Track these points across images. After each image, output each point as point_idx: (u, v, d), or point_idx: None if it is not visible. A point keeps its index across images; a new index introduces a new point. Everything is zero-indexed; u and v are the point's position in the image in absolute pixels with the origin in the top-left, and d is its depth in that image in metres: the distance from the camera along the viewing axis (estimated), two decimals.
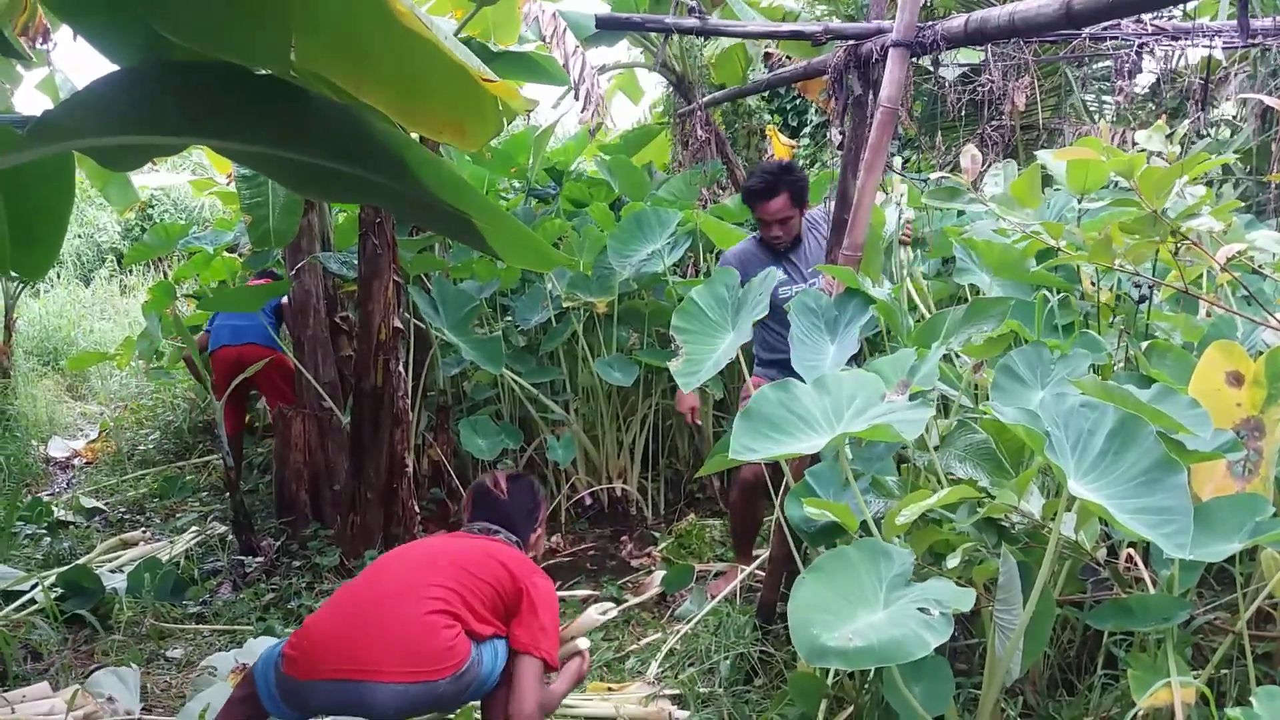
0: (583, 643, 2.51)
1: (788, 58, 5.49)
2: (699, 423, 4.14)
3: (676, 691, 2.96)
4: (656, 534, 4.60)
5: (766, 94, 7.76)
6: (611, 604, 2.56)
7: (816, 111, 9.01)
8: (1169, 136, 2.71)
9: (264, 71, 1.79)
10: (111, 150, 1.94)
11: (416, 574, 2.30)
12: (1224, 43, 2.85)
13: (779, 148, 6.45)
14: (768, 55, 5.86)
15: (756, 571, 3.60)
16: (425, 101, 1.66)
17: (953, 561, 2.08)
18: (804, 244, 3.70)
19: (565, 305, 4.59)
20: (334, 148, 1.89)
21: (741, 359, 2.76)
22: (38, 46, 4.04)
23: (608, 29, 3.40)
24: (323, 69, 1.61)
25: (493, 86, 1.55)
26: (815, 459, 2.61)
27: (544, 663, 2.32)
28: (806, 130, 9.27)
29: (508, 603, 2.35)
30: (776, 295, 3.25)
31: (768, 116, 7.32)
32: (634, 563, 4.34)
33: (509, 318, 4.97)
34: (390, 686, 2.12)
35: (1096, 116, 5.84)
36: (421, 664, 2.14)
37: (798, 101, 9.37)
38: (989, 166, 3.30)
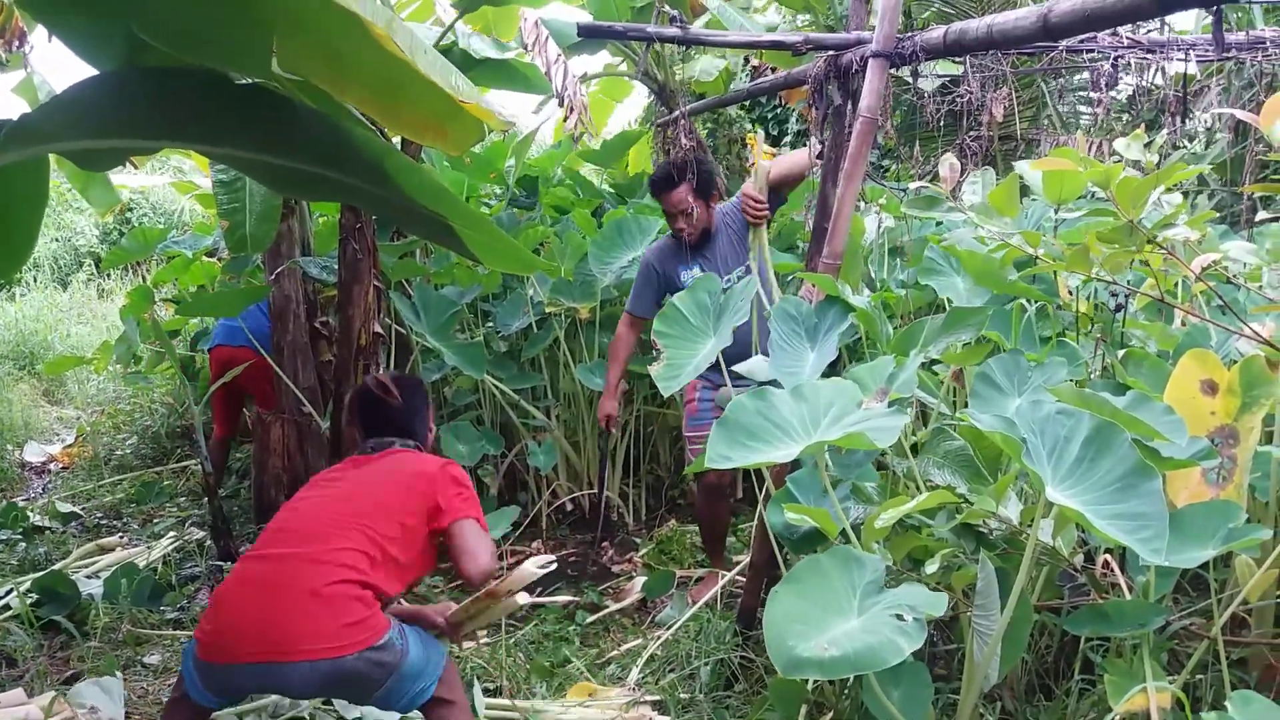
0: (521, 598, 2.43)
1: (772, 69, 5.53)
2: (613, 430, 4.18)
3: (657, 697, 2.96)
4: (637, 540, 4.60)
5: (748, 103, 7.80)
6: (551, 557, 2.50)
7: (797, 120, 9.07)
8: (1147, 146, 2.74)
9: (244, 80, 1.79)
10: (88, 152, 1.93)
11: (324, 536, 2.20)
12: (1199, 57, 2.89)
13: (765, 156, 6.48)
14: (755, 69, 5.89)
15: (737, 577, 3.61)
16: (406, 104, 1.66)
17: (931, 567, 2.09)
18: (717, 239, 3.75)
19: (547, 311, 4.60)
20: (314, 153, 1.90)
21: (722, 364, 2.78)
22: (14, 50, 4.01)
23: (590, 37, 3.40)
24: (304, 72, 1.62)
25: (469, 108, 1.56)
26: (796, 465, 2.63)
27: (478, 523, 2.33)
28: (787, 139, 9.32)
29: (426, 503, 2.32)
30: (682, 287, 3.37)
31: (749, 125, 7.36)
32: (615, 568, 4.34)
33: (490, 323, 4.97)
34: (301, 665, 2.04)
35: (1073, 127, 5.90)
36: (328, 639, 2.06)
37: (779, 110, 9.42)
38: (967, 176, 3.33)
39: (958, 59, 2.88)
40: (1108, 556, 2.39)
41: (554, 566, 2.51)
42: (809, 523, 2.22)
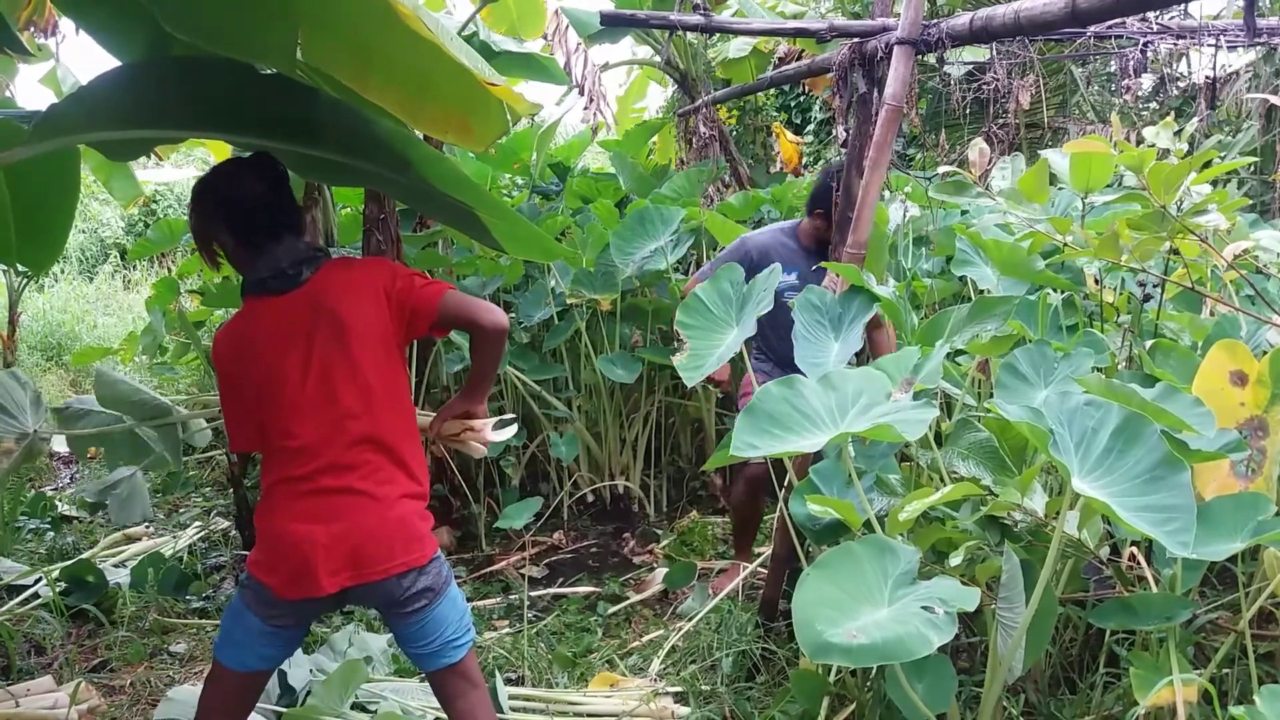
0: (502, 434, 2.27)
1: (800, 54, 5.49)
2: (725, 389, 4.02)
3: (679, 689, 2.96)
4: (659, 531, 4.60)
5: (773, 91, 7.76)
6: (516, 425, 2.29)
7: (821, 108, 9.02)
8: (1177, 134, 2.71)
9: (269, 71, 1.80)
10: (116, 143, 1.94)
11: (356, 437, 1.99)
12: (1229, 42, 2.84)
13: (785, 145, 6.45)
14: (782, 59, 5.86)
15: (759, 569, 3.61)
16: (431, 100, 1.66)
17: (955, 559, 2.08)
18: (814, 256, 3.63)
19: (568, 302, 4.59)
20: (339, 143, 1.90)
21: (745, 354, 2.76)
22: (45, 40, 4.04)
23: (612, 25, 3.39)
24: (329, 67, 1.62)
25: (497, 91, 1.56)
26: (819, 456, 2.62)
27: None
28: (811, 127, 9.27)
29: (411, 325, 2.06)
30: (782, 295, 3.22)
31: (774, 113, 7.33)
32: (636, 560, 4.34)
33: (512, 314, 4.97)
34: (381, 584, 1.98)
35: (1103, 115, 5.83)
36: (406, 552, 1.99)
37: (803, 98, 9.38)
38: (994, 163, 3.30)
39: (984, 45, 2.85)
40: (1134, 549, 2.37)
41: (512, 433, 2.30)
42: (832, 514, 2.21)
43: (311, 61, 1.58)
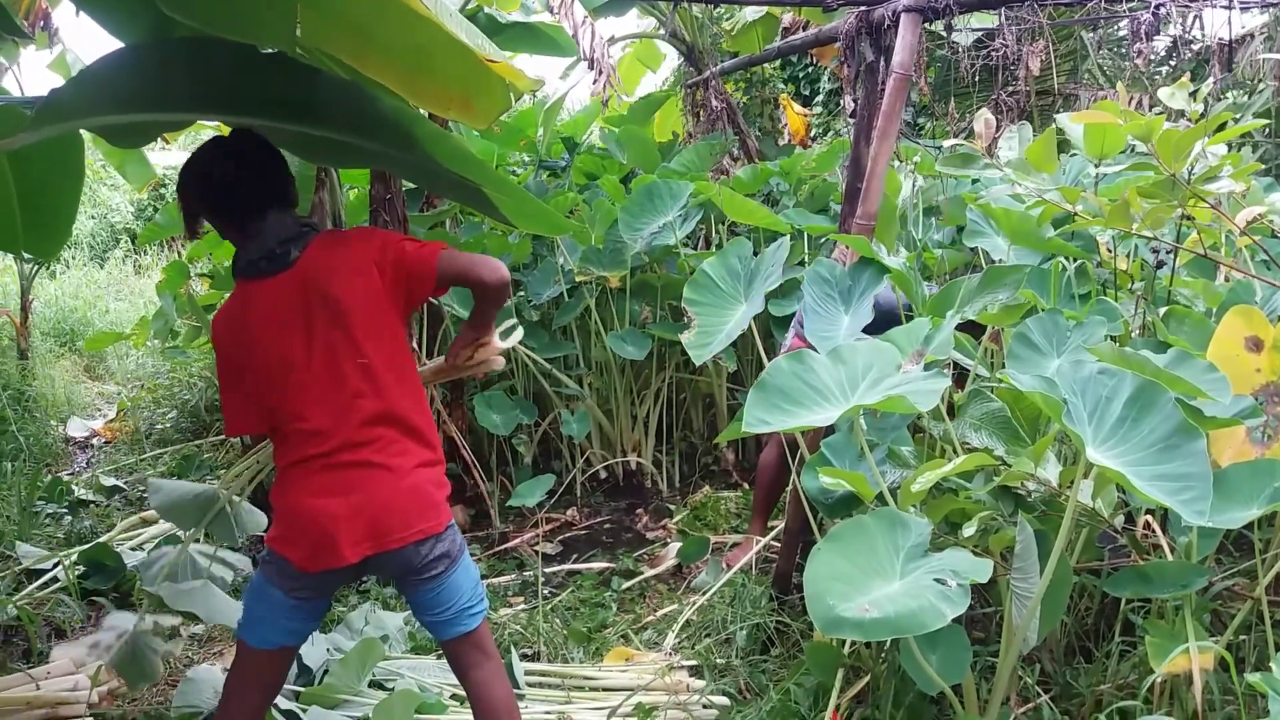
0: (510, 340, 2.31)
1: (805, 24, 5.43)
2: None
3: (693, 662, 2.97)
4: (671, 506, 4.61)
5: (779, 62, 7.68)
6: (520, 329, 2.32)
7: (830, 79, 8.94)
8: (1192, 95, 2.67)
9: (270, 50, 1.79)
10: (119, 128, 1.94)
11: (367, 412, 1.99)
12: (1241, 3, 2.80)
13: (793, 117, 6.40)
14: (786, 30, 5.79)
15: (772, 542, 3.61)
16: (431, 77, 1.65)
17: (969, 530, 2.07)
18: None
19: (577, 279, 4.58)
20: (343, 122, 1.89)
21: (754, 330, 2.75)
22: (38, 29, 4.03)
23: None
24: (327, 45, 1.61)
25: (496, 67, 1.54)
26: (831, 430, 2.61)
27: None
28: (819, 98, 9.20)
29: (413, 290, 2.04)
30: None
31: (782, 85, 7.25)
32: (649, 535, 4.35)
33: (521, 293, 4.96)
34: (400, 552, 1.99)
35: (1115, 81, 5.76)
36: (423, 519, 2.01)
37: (811, 69, 9.29)
38: (1003, 132, 3.26)
39: (993, 11, 2.81)
40: (1149, 517, 2.36)
41: (520, 331, 2.34)
42: (845, 487, 2.20)
43: (310, 41, 1.57)
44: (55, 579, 3.72)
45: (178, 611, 2.71)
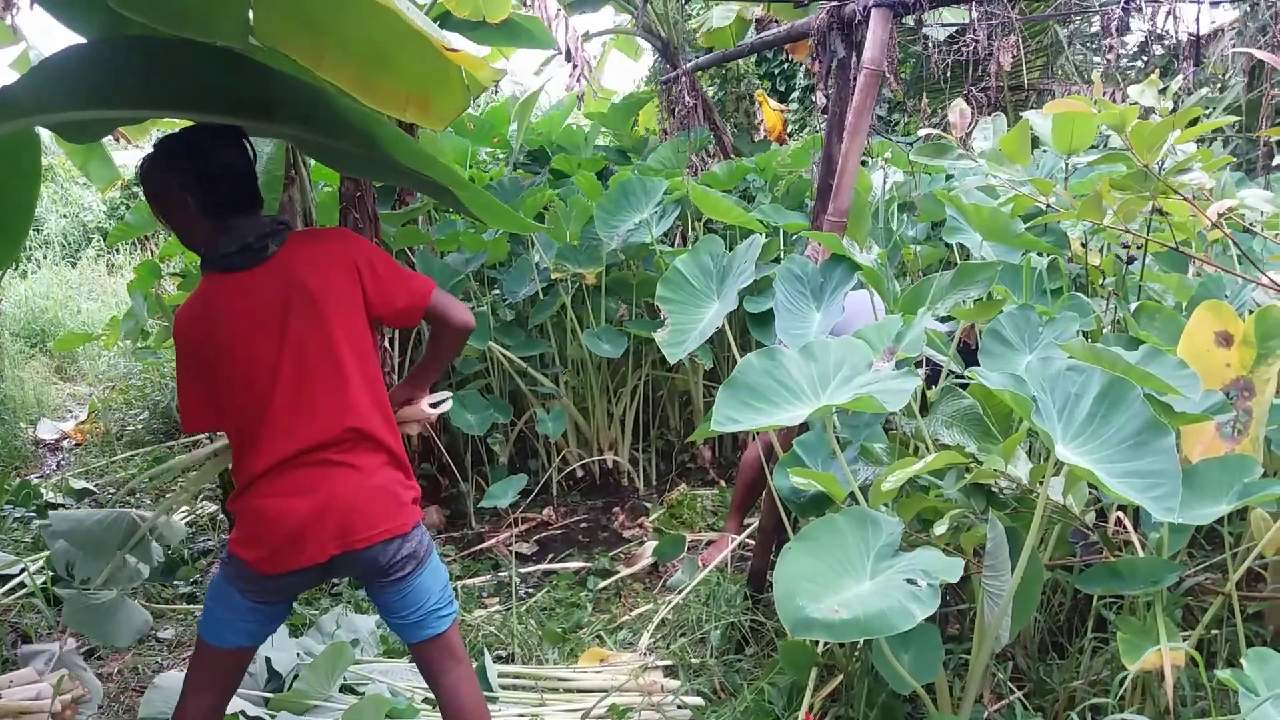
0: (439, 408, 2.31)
1: (776, 21, 5.41)
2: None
3: (668, 662, 2.96)
4: (648, 505, 4.59)
5: (755, 58, 7.67)
6: (450, 400, 2.33)
7: (805, 75, 8.94)
8: (1161, 92, 2.67)
9: (225, 46, 1.75)
10: (72, 124, 1.89)
11: (334, 411, 1.97)
12: None
13: (768, 113, 6.39)
14: (758, 21, 5.78)
15: (747, 540, 3.59)
16: (387, 75, 1.61)
17: (940, 528, 2.06)
18: None
19: (553, 277, 4.55)
20: (301, 121, 1.86)
21: (728, 328, 2.74)
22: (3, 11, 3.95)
23: None
24: (281, 44, 1.57)
25: (456, 57, 1.51)
26: (804, 427, 2.59)
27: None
28: (795, 94, 9.19)
29: (378, 295, 2.03)
30: None
31: (756, 81, 7.24)
32: (626, 534, 4.33)
33: (497, 290, 4.93)
34: (364, 552, 1.97)
35: (1087, 75, 5.78)
36: (390, 519, 1.99)
37: (786, 65, 9.29)
38: (976, 124, 3.26)
39: (963, 5, 2.80)
40: (1120, 514, 2.36)
41: (449, 405, 2.32)
42: (816, 486, 2.19)
43: (263, 40, 1.53)
44: (23, 585, 3.66)
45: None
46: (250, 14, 1.47)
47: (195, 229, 1.96)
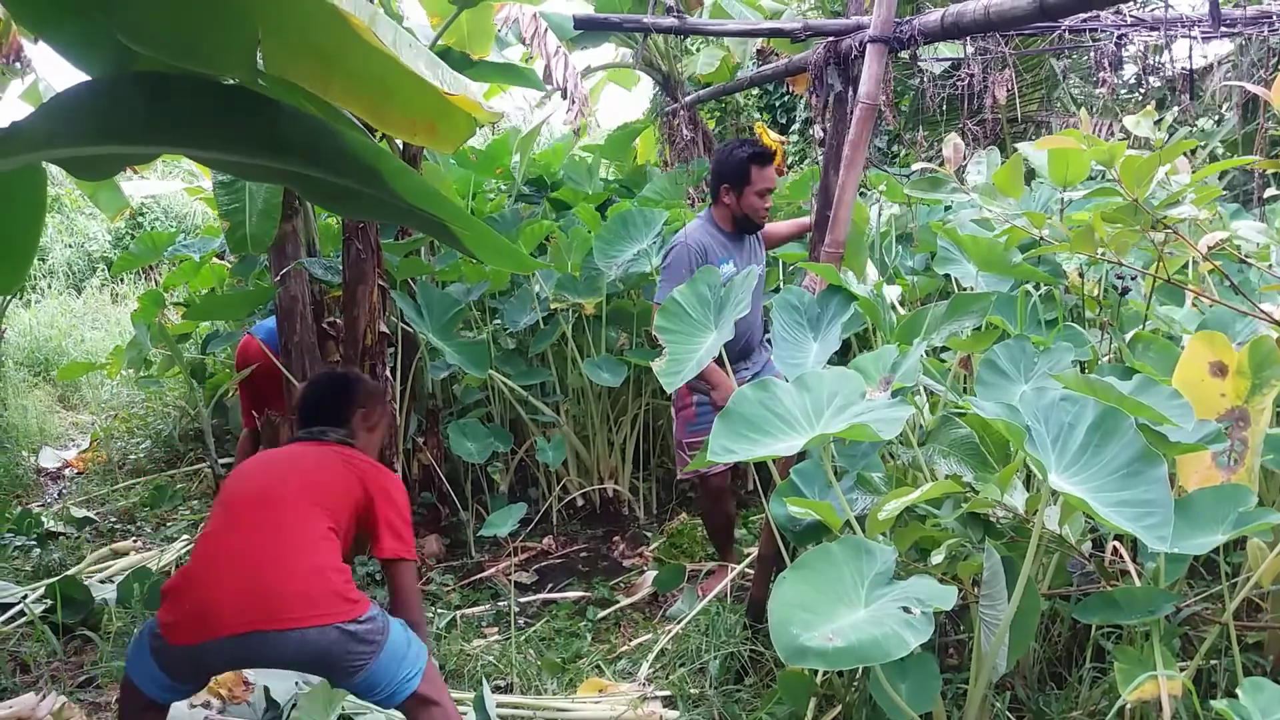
0: None
1: (776, 53, 5.48)
2: None
3: (667, 692, 2.95)
4: (649, 534, 4.59)
5: (755, 91, 7.74)
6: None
7: (806, 107, 9.02)
8: (1156, 124, 2.71)
9: (233, 81, 1.78)
10: (82, 160, 1.92)
11: (292, 510, 2.23)
12: (1204, 33, 2.84)
13: (768, 144, 6.45)
14: (760, 52, 5.85)
15: (746, 569, 3.59)
16: (395, 103, 1.64)
17: (937, 557, 2.07)
18: (749, 235, 3.64)
19: (553, 307, 4.58)
20: (307, 156, 1.88)
21: (725, 356, 2.76)
22: (10, 63, 4.01)
23: (587, 29, 3.39)
24: (289, 73, 1.60)
25: (455, 100, 1.54)
26: (802, 456, 2.60)
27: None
28: (795, 127, 9.26)
29: (360, 512, 2.36)
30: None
31: (757, 114, 7.31)
32: (626, 563, 4.33)
33: (498, 320, 4.96)
34: (291, 634, 2.05)
35: (1089, 109, 5.84)
36: (320, 607, 2.07)
37: (786, 98, 9.37)
38: (971, 157, 3.30)
39: (959, 41, 2.85)
40: (1117, 543, 2.36)
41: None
42: (813, 515, 2.20)
43: (272, 70, 1.55)
44: (23, 613, 3.66)
45: None
46: (259, 51, 1.49)
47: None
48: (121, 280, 12.16)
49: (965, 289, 3.15)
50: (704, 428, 3.46)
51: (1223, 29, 2.31)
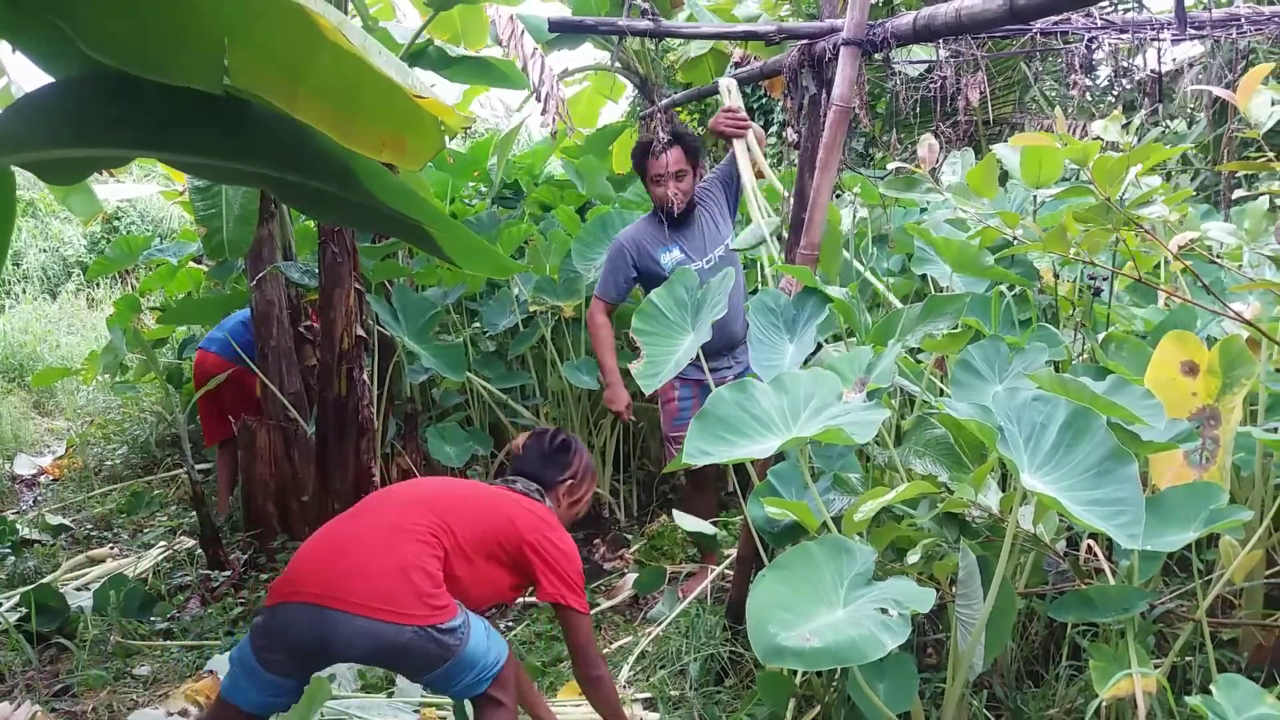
0: None
1: (754, 57, 5.49)
2: (633, 418, 4.13)
3: (647, 695, 2.95)
4: (629, 536, 4.59)
5: None
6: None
7: (781, 110, 9.03)
8: (1125, 127, 2.73)
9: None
10: (50, 163, 1.90)
11: (409, 513, 2.27)
12: (1174, 36, 2.87)
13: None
14: (738, 64, 5.85)
15: (726, 570, 3.60)
16: (362, 117, 1.63)
17: (913, 557, 2.08)
18: (698, 218, 3.71)
19: (532, 309, 4.58)
20: (280, 159, 1.87)
21: (702, 359, 2.76)
22: None
23: (561, 31, 3.38)
24: (257, 88, 1.58)
25: (424, 103, 1.53)
26: (780, 457, 2.61)
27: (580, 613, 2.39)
28: (773, 129, 9.28)
29: (508, 550, 2.33)
30: (666, 271, 3.39)
31: None
32: (607, 565, 4.33)
33: (477, 323, 4.95)
34: (356, 619, 2.06)
35: (1063, 108, 5.87)
36: (394, 603, 2.08)
37: (764, 101, 9.38)
38: (945, 158, 3.32)
39: (930, 44, 2.86)
40: (1091, 542, 2.38)
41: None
42: (790, 516, 2.21)
43: (238, 83, 1.54)
44: None
45: None
46: (226, 60, 1.48)
47: None
48: (97, 285, 12.05)
49: (943, 289, 3.17)
50: (687, 422, 3.48)
51: (1191, 31, 2.34)
